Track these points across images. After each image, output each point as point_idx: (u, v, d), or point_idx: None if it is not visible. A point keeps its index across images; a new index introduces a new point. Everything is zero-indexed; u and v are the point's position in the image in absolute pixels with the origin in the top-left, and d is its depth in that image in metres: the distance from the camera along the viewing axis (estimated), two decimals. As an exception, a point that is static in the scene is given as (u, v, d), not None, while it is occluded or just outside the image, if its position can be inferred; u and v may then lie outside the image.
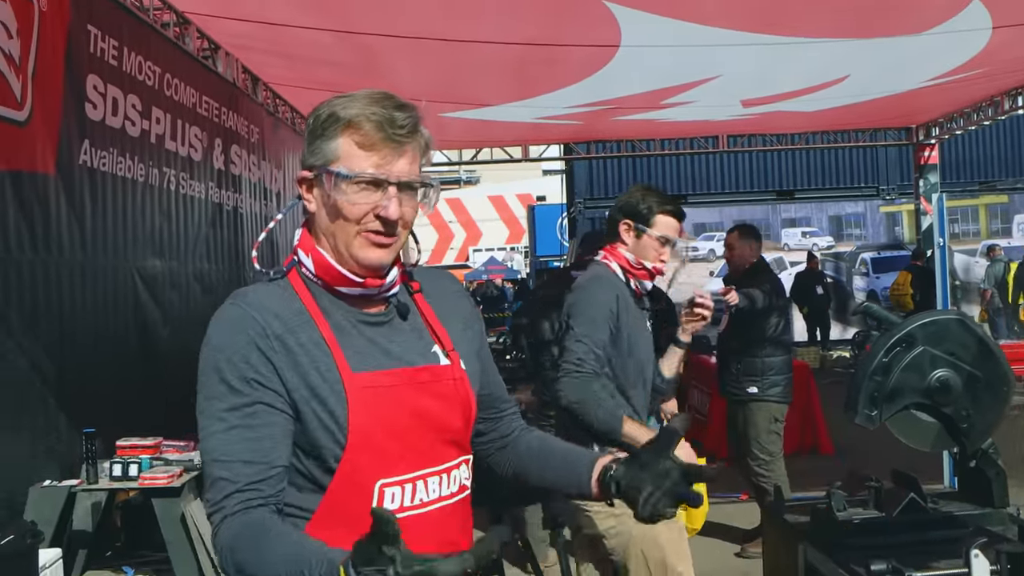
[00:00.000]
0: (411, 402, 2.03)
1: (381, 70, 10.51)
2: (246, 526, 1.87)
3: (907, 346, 3.11)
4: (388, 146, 1.98)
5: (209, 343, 2.02)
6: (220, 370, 1.98)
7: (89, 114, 7.30)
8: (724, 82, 11.55)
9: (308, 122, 2.07)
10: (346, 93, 2.06)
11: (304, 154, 2.07)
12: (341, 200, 1.99)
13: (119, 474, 6.29)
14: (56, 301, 6.81)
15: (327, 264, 2.05)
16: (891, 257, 22.05)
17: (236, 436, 1.93)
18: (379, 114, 1.98)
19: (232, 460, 1.92)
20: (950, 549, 2.83)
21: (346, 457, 1.96)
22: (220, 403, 1.96)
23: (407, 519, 1.91)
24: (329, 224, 2.03)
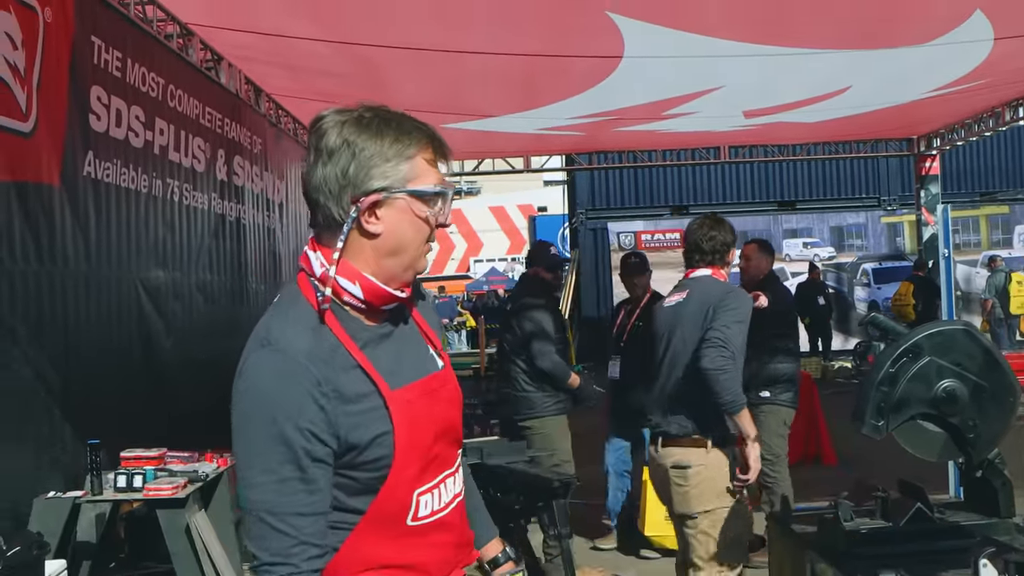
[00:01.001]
0: (432, 411, 2.15)
1: (383, 82, 10.54)
2: None
3: (914, 356, 3.12)
4: (442, 161, 2.13)
5: (258, 391, 2.05)
6: (275, 421, 1.99)
7: (93, 125, 7.31)
8: (726, 93, 11.57)
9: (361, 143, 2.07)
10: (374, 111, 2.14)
11: (358, 176, 2.06)
12: (429, 215, 2.10)
13: (123, 485, 6.28)
14: (61, 312, 6.81)
15: (379, 289, 2.11)
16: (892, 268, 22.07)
17: (290, 489, 1.98)
18: (428, 130, 2.13)
19: (288, 514, 1.97)
20: (958, 559, 2.84)
21: (391, 475, 2.06)
22: (273, 456, 1.99)
23: (435, 521, 2.14)
24: (403, 243, 2.10)
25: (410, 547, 2.11)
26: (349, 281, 2.10)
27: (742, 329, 4.87)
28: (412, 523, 2.11)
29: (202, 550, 6.32)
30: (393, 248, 2.10)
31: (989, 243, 22.77)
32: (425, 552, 2.11)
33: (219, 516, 6.90)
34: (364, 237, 2.10)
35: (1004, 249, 22.35)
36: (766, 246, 7.85)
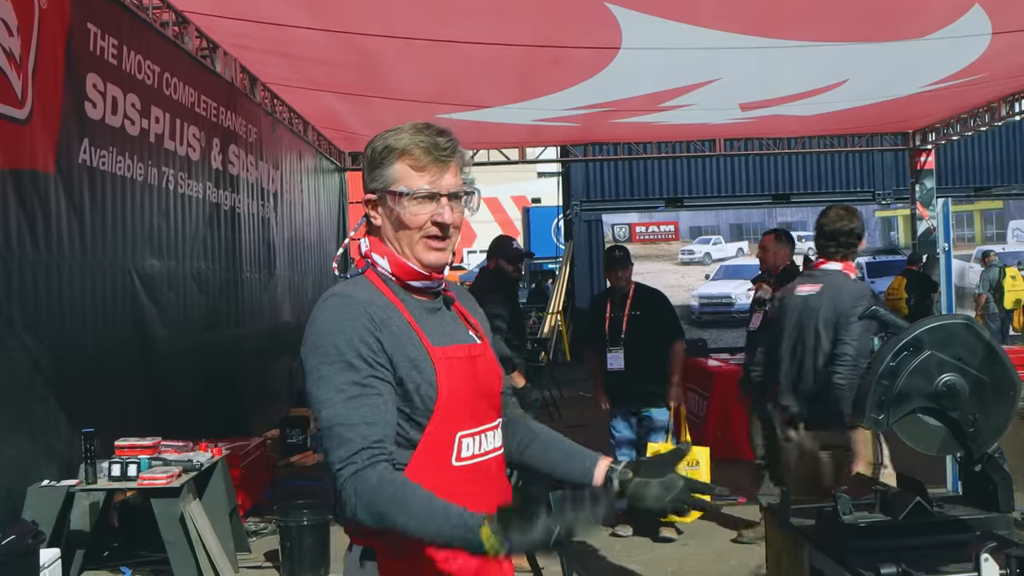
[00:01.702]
0: (471, 370, 2.48)
1: (379, 71, 10.51)
2: (384, 478, 2.22)
3: (914, 350, 3.11)
4: (436, 165, 2.44)
5: (321, 327, 2.36)
6: (339, 349, 2.31)
7: (89, 113, 7.29)
8: (723, 85, 11.56)
9: (366, 155, 2.53)
10: (393, 127, 2.51)
11: (365, 181, 2.50)
12: (404, 213, 2.44)
13: (118, 474, 6.27)
14: (56, 300, 6.79)
15: (400, 262, 2.48)
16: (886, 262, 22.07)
17: (357, 404, 2.28)
18: (425, 141, 2.44)
19: (356, 423, 2.27)
20: (957, 553, 2.83)
21: (437, 413, 2.37)
22: (339, 377, 2.30)
23: (479, 464, 2.45)
24: (395, 235, 2.48)
25: (456, 488, 2.30)
26: (379, 256, 2.50)
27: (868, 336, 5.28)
28: (456, 463, 2.40)
29: (196, 539, 6.31)
30: (392, 238, 2.49)
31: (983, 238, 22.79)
32: (470, 495, 2.28)
33: (213, 505, 6.90)
34: (375, 228, 2.53)
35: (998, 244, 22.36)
36: (783, 236, 8.06)
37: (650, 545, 7.69)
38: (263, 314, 11.96)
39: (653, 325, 7.88)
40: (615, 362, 7.90)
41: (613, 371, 7.93)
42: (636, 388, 7.83)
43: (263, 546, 7.71)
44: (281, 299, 12.94)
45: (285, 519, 6.97)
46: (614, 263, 8.01)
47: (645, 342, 7.83)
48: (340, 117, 13.85)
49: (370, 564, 2.38)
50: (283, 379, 13.03)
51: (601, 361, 8.07)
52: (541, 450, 2.72)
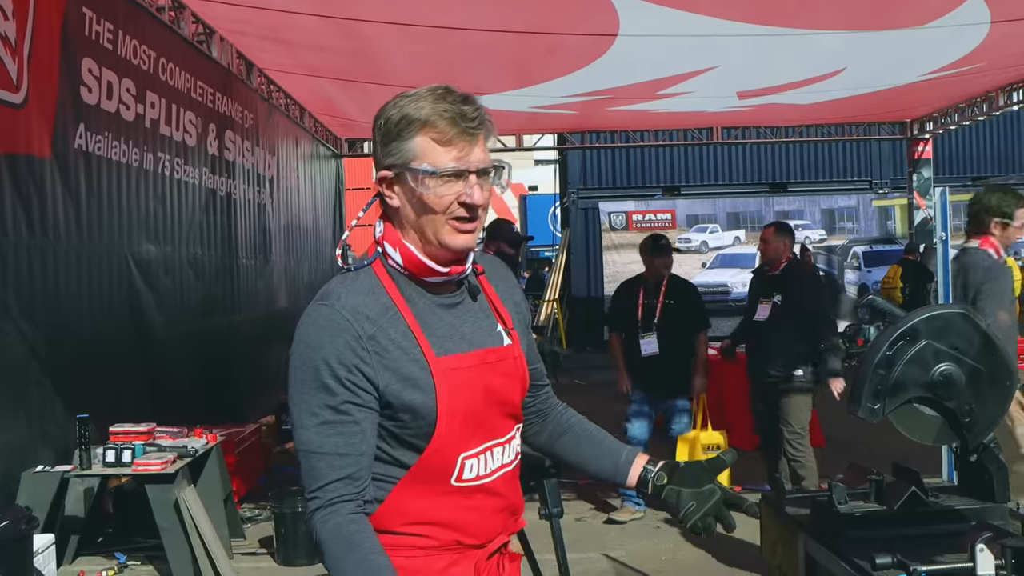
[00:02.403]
0: (483, 381, 2.25)
1: (376, 57, 10.47)
2: (336, 528, 2.10)
3: (911, 340, 3.10)
4: (463, 139, 2.15)
5: (305, 342, 2.17)
6: (316, 369, 2.13)
7: (84, 97, 7.26)
8: (721, 73, 11.53)
9: (378, 124, 2.21)
10: (407, 92, 2.21)
11: (378, 155, 2.22)
12: (428, 195, 2.15)
13: (112, 460, 6.27)
14: (52, 285, 6.78)
15: (415, 258, 2.22)
16: (883, 251, 22.08)
17: (330, 431, 2.12)
18: (450, 111, 2.14)
19: (327, 453, 2.12)
20: (952, 543, 2.83)
21: (436, 436, 2.17)
22: (314, 400, 2.14)
23: (481, 486, 2.24)
24: (416, 218, 2.20)
25: (453, 507, 2.21)
26: (392, 247, 2.24)
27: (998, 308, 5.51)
28: (456, 484, 2.22)
29: (191, 525, 6.31)
30: (411, 221, 2.21)
31: (979, 228, 22.79)
32: (468, 514, 2.21)
33: (208, 491, 6.89)
34: (391, 209, 2.25)
35: (994, 234, 22.37)
36: (784, 228, 8.09)
37: (645, 532, 7.70)
38: (259, 301, 11.94)
39: (684, 314, 8.12)
40: (649, 347, 8.08)
41: (647, 356, 8.09)
42: (667, 374, 8.05)
43: (257, 532, 7.71)
44: (277, 286, 12.92)
45: (280, 506, 6.97)
46: (660, 251, 8.16)
47: (676, 330, 8.05)
48: (337, 103, 13.82)
49: None
50: (278, 366, 13.00)
51: (628, 346, 8.22)
52: (574, 443, 2.59)
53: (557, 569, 5.11)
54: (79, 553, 6.78)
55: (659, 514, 8.13)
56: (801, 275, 8.05)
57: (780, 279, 7.79)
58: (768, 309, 7.75)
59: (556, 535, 5.30)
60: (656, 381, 8.10)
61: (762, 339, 7.78)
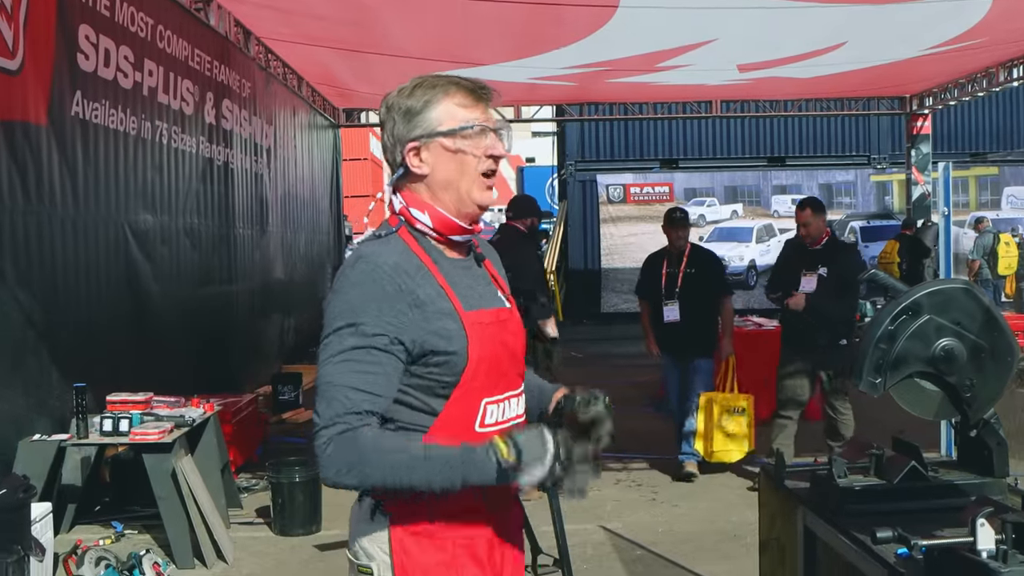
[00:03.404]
0: (500, 336, 2.46)
1: (374, 27, 10.41)
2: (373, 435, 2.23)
3: (913, 314, 3.09)
4: (481, 103, 2.45)
5: (344, 294, 2.31)
6: (355, 314, 2.28)
7: (81, 65, 7.22)
8: (721, 45, 11.47)
9: (396, 106, 2.44)
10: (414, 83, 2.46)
11: (400, 133, 2.43)
12: (465, 148, 2.42)
13: (109, 429, 6.26)
14: (48, 254, 6.76)
15: (444, 218, 2.44)
16: (880, 226, 22.07)
17: (357, 368, 2.25)
18: (465, 81, 2.45)
19: (351, 387, 2.24)
20: (952, 518, 2.82)
21: (464, 380, 2.35)
22: (347, 341, 2.27)
23: (502, 431, 2.36)
24: (449, 177, 2.43)
25: None
26: (419, 211, 2.44)
27: None
28: (479, 429, 2.38)
29: (188, 495, 6.31)
30: (443, 183, 2.43)
31: (977, 204, 22.78)
32: None
33: (205, 461, 6.90)
34: (419, 179, 2.45)
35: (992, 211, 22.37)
36: (819, 206, 8.21)
37: (642, 504, 7.73)
38: (255, 271, 11.93)
39: (706, 282, 8.48)
40: (671, 314, 8.49)
41: (669, 322, 8.51)
42: (688, 338, 8.45)
43: (254, 502, 7.72)
44: (273, 256, 12.90)
45: (277, 475, 6.98)
46: (674, 223, 8.55)
47: (698, 297, 8.41)
48: (335, 73, 13.76)
49: (380, 519, 2.36)
50: (275, 336, 13.02)
51: (654, 313, 8.65)
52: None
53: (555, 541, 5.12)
54: (76, 522, 6.79)
55: (655, 486, 8.16)
56: (845, 248, 8.52)
57: (824, 252, 8.03)
58: (814, 281, 7.98)
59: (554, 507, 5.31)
60: (678, 345, 8.53)
61: (808, 309, 7.93)
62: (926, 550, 2.59)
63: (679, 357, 8.59)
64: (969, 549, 2.51)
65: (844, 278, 7.73)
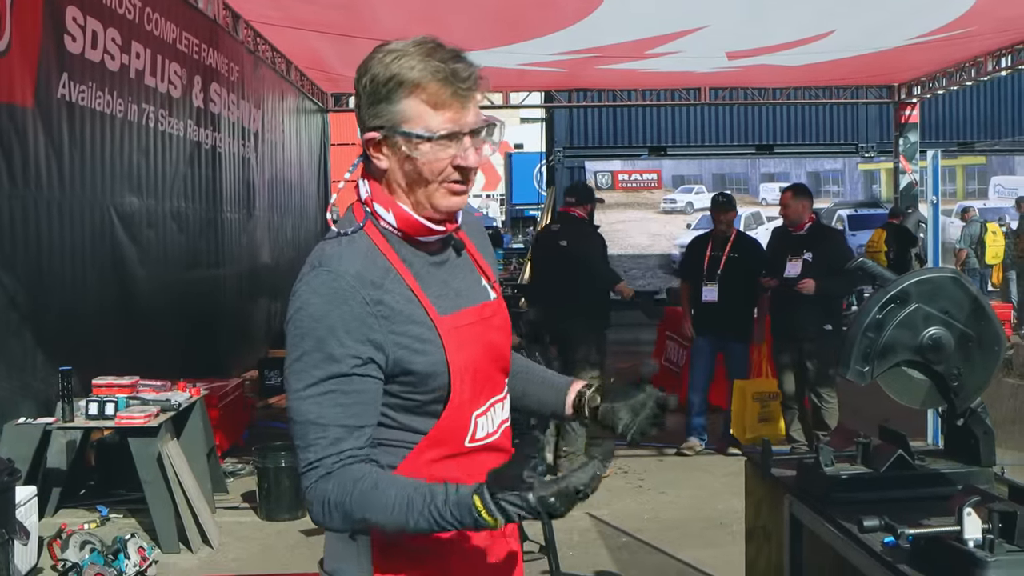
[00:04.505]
0: (484, 337, 2.22)
1: (362, 10, 10.38)
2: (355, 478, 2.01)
3: (901, 303, 3.09)
4: (457, 100, 2.05)
5: (306, 311, 2.06)
6: (321, 340, 2.03)
7: (68, 47, 7.17)
8: (711, 32, 11.47)
9: (362, 82, 2.11)
10: (392, 45, 2.10)
11: (363, 115, 2.13)
12: (420, 159, 2.07)
13: (95, 413, 6.23)
14: (33, 236, 6.73)
15: (410, 218, 2.14)
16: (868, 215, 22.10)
17: (332, 401, 2.03)
18: (442, 70, 2.04)
19: (328, 424, 2.03)
20: (939, 506, 2.83)
21: (452, 397, 2.13)
22: (317, 370, 2.03)
23: (490, 444, 2.22)
24: (407, 182, 2.12)
25: (464, 468, 2.14)
26: (383, 208, 2.15)
27: None
28: (469, 444, 2.18)
29: (173, 479, 6.30)
30: (405, 184, 2.13)
31: (965, 193, 22.83)
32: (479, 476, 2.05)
33: (191, 445, 6.88)
34: (378, 171, 2.15)
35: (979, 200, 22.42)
36: (800, 191, 8.38)
37: (628, 492, 7.74)
38: (242, 255, 11.89)
39: (748, 268, 8.64)
40: (710, 295, 8.75)
41: (707, 303, 8.77)
42: (724, 320, 8.70)
43: (240, 487, 7.71)
44: (260, 240, 12.87)
45: (263, 460, 6.97)
46: (718, 207, 8.89)
47: (738, 281, 8.63)
48: (323, 57, 13.71)
49: (362, 538, 2.16)
50: (262, 320, 12.99)
51: (695, 295, 8.90)
52: (521, 383, 2.52)
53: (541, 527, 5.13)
54: (61, 505, 6.78)
55: (642, 474, 8.18)
56: (829, 233, 8.66)
57: (807, 238, 8.14)
58: (799, 266, 8.09)
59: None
60: (714, 326, 8.77)
61: (793, 294, 8.02)
62: (913, 539, 2.59)
63: (714, 338, 8.82)
64: (956, 538, 2.51)
65: (831, 263, 7.79)
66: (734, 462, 8.11)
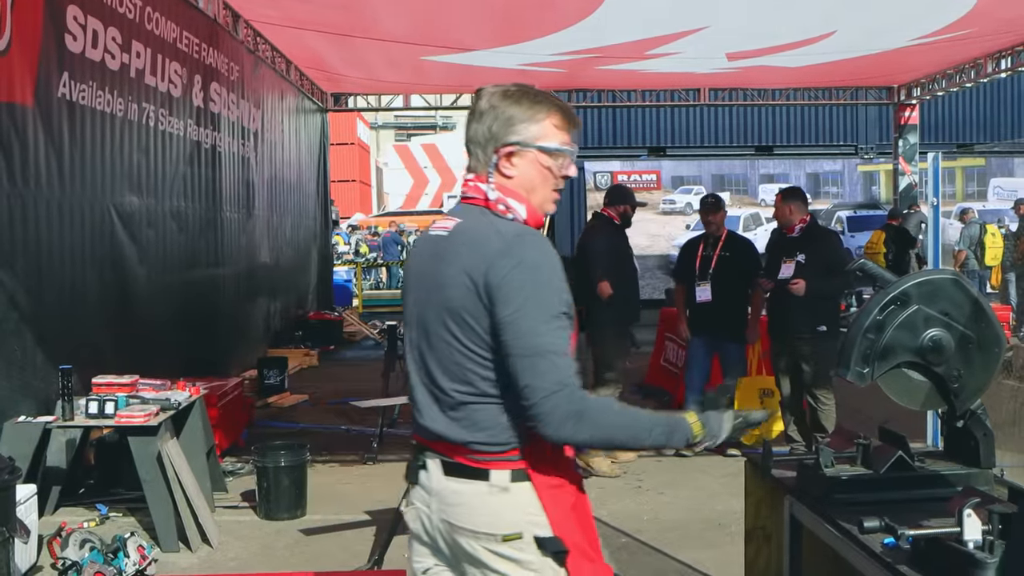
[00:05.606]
0: None
1: (363, 11, 10.39)
2: (598, 400, 2.53)
3: (901, 304, 3.09)
4: (572, 128, 2.72)
5: (541, 259, 2.52)
6: (552, 284, 2.51)
7: (69, 46, 7.17)
8: (711, 33, 11.47)
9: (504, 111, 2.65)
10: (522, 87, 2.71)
11: (498, 133, 2.66)
12: (552, 166, 2.69)
13: (95, 411, 6.23)
14: (33, 235, 6.73)
15: (535, 211, 2.70)
16: (867, 216, 22.08)
17: (563, 335, 2.49)
18: (564, 107, 2.72)
19: (565, 353, 2.48)
20: (938, 507, 2.83)
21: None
22: (552, 309, 2.49)
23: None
24: (531, 186, 2.70)
25: None
26: (517, 202, 2.66)
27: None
28: None
29: (173, 478, 6.30)
30: (527, 188, 2.68)
31: (964, 195, 22.82)
32: None
33: (190, 445, 6.88)
34: (504, 178, 2.68)
35: (979, 202, 22.40)
36: (789, 193, 8.45)
37: (627, 492, 7.74)
38: (242, 254, 11.90)
39: (739, 266, 8.66)
40: (703, 294, 8.73)
41: (701, 302, 8.77)
42: (719, 320, 8.69)
43: (240, 486, 7.71)
44: (260, 240, 12.87)
45: (262, 459, 6.97)
46: (707, 208, 8.89)
47: (730, 280, 8.63)
48: (323, 57, 13.72)
49: (522, 485, 2.55)
50: (261, 319, 12.99)
51: (688, 295, 8.91)
52: None
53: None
54: (60, 504, 6.77)
55: (641, 474, 8.17)
56: (822, 234, 8.57)
57: (800, 240, 8.14)
58: (792, 268, 8.08)
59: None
60: (709, 326, 8.76)
61: (787, 296, 8.03)
62: (913, 540, 2.60)
63: (709, 338, 8.80)
64: (956, 539, 2.52)
65: (827, 264, 7.85)
66: (733, 463, 8.10)
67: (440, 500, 2.62)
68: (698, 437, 2.62)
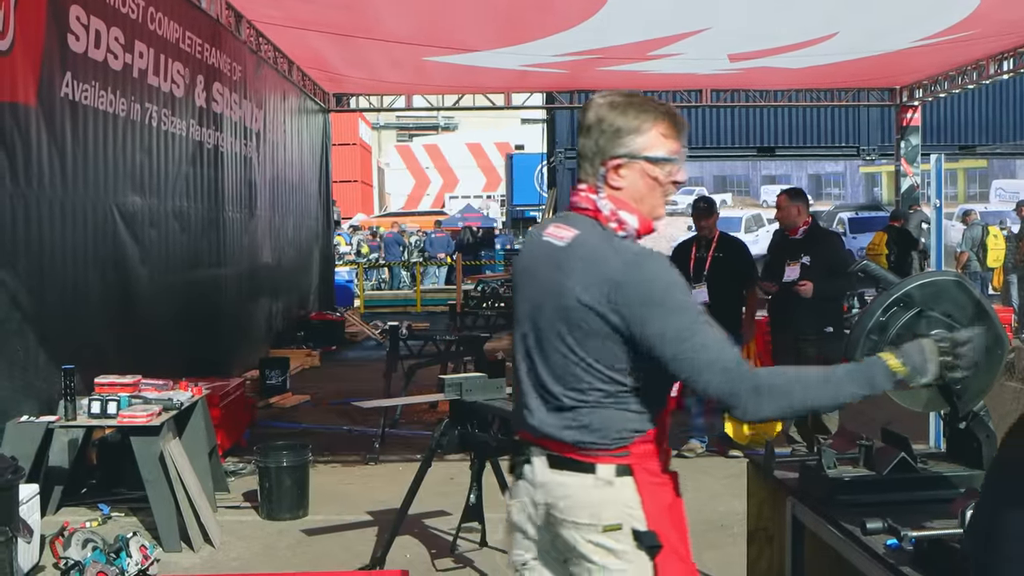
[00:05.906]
0: None
1: (365, 11, 10.38)
2: (771, 373, 2.65)
3: (904, 306, 3.09)
4: (680, 135, 2.75)
5: (674, 277, 2.64)
6: (686, 293, 2.66)
7: (72, 46, 7.18)
8: (713, 34, 11.47)
9: (610, 123, 2.70)
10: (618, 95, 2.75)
11: (606, 146, 2.71)
12: (660, 174, 2.73)
13: (97, 411, 6.23)
14: (36, 235, 6.73)
15: (646, 220, 2.77)
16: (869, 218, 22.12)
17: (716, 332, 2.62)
18: (670, 115, 2.74)
19: (725, 344, 2.61)
20: (941, 509, 2.84)
21: None
22: (695, 311, 2.63)
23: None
24: (640, 195, 2.75)
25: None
26: (629, 214, 2.72)
27: None
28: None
29: (175, 478, 6.30)
30: (637, 198, 2.74)
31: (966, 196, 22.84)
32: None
33: (193, 444, 6.88)
34: (613, 190, 2.73)
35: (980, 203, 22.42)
36: (795, 194, 8.44)
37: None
38: (244, 255, 11.90)
39: (732, 267, 8.64)
40: (700, 296, 8.57)
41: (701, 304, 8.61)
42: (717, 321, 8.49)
43: (242, 486, 7.71)
44: (262, 240, 12.88)
45: (264, 460, 6.97)
46: (699, 212, 8.90)
47: (725, 281, 8.58)
48: (326, 58, 13.71)
49: (625, 479, 2.65)
50: (263, 320, 13.00)
51: None
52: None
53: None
54: (63, 504, 6.77)
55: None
56: (826, 236, 8.61)
57: (804, 241, 8.16)
58: (797, 270, 8.10)
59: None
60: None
61: (792, 298, 8.05)
62: (915, 541, 2.60)
63: None
64: (958, 541, 2.52)
65: (831, 265, 7.87)
66: (734, 464, 8.10)
67: (546, 492, 2.71)
68: (902, 374, 2.63)
